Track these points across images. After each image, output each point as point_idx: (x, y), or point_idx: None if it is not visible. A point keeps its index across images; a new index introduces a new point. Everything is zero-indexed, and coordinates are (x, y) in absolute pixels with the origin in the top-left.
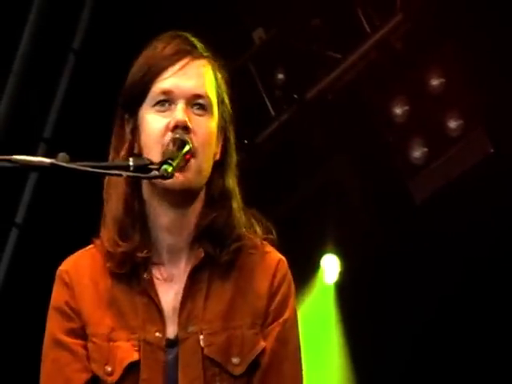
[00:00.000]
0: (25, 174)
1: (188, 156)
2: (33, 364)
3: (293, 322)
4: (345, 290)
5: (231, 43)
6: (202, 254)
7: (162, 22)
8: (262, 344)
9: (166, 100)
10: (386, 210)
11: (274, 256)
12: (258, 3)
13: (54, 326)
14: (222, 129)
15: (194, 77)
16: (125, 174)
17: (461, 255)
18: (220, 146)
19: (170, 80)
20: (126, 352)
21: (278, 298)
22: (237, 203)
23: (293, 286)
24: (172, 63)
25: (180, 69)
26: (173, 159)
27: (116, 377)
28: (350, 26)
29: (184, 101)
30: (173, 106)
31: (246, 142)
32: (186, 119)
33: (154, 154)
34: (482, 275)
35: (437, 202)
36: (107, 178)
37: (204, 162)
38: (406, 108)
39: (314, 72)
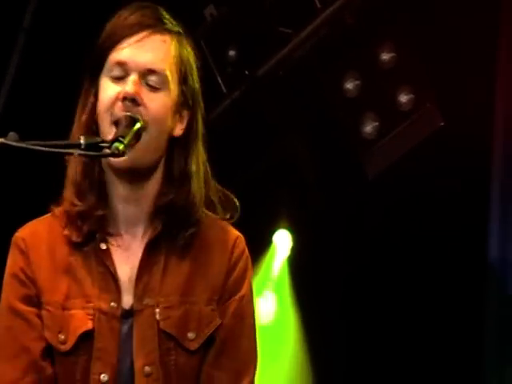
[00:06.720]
0: None
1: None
2: None
3: (249, 298)
4: (297, 264)
5: (182, 20)
6: (159, 228)
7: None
8: (218, 320)
9: (121, 70)
10: (338, 185)
11: (232, 233)
12: None
13: (10, 293)
14: (183, 106)
15: (150, 51)
16: (76, 152)
17: (412, 229)
18: (185, 123)
19: (126, 51)
20: (80, 321)
21: (235, 274)
22: (198, 183)
23: (250, 263)
24: (130, 34)
25: (137, 41)
26: (124, 137)
27: (69, 345)
28: (301, 2)
29: (137, 74)
30: (127, 77)
31: None
32: (135, 92)
33: (104, 121)
34: (434, 251)
35: (389, 175)
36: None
37: (155, 138)
38: (358, 83)
39: (266, 48)
